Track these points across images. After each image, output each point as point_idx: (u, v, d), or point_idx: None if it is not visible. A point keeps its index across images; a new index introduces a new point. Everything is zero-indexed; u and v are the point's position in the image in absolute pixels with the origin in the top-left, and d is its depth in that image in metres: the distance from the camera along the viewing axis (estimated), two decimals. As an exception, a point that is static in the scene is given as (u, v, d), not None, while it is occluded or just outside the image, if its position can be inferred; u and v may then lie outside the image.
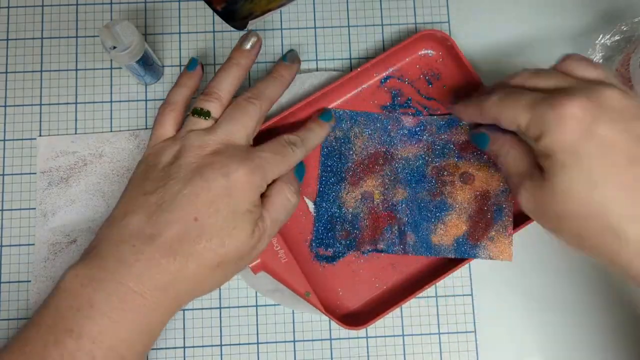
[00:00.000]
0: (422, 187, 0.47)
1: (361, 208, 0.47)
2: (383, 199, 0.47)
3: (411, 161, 0.47)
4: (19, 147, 0.50)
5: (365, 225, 0.47)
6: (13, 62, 0.51)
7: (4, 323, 0.48)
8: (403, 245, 0.46)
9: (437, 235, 0.46)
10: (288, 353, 0.48)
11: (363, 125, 0.48)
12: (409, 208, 0.46)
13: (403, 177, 0.47)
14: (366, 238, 0.47)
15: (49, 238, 0.49)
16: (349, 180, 0.47)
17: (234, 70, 0.43)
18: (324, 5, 0.53)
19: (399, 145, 0.48)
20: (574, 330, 0.49)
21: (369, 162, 0.47)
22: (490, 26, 0.53)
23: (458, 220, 0.46)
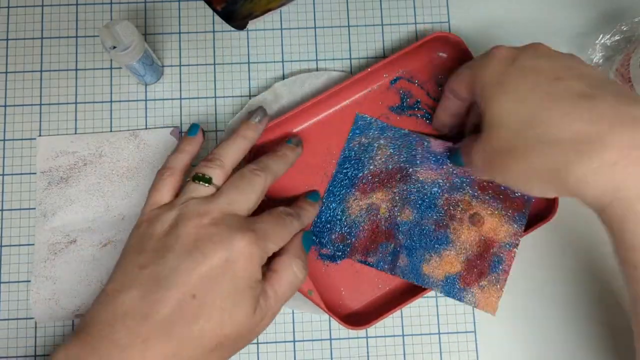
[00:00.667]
0: (429, 215, 0.46)
1: (364, 218, 0.47)
2: (388, 215, 0.46)
3: (427, 186, 0.46)
4: (19, 147, 0.50)
5: (362, 236, 0.46)
6: (13, 62, 0.51)
7: (4, 323, 0.48)
8: (393, 266, 0.46)
9: (430, 266, 0.46)
10: (288, 353, 0.48)
11: (390, 139, 0.47)
12: (411, 231, 0.46)
13: (414, 199, 0.46)
14: (359, 248, 0.46)
15: (49, 238, 0.49)
16: (359, 188, 0.47)
17: (239, 141, 0.41)
18: (324, 5, 0.53)
19: (419, 166, 0.47)
20: (574, 330, 0.49)
21: (385, 176, 0.47)
22: (490, 26, 0.53)
23: (455, 258, 0.46)
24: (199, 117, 0.51)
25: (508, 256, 0.45)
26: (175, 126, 0.51)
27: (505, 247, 0.46)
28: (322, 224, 0.47)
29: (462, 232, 0.46)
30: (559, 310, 0.49)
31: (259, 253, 0.37)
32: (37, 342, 0.48)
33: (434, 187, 0.46)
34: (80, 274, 0.48)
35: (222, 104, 0.51)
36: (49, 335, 0.48)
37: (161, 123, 0.51)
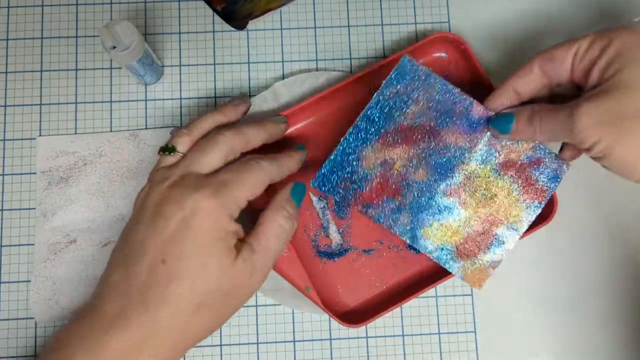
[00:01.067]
0: (443, 181, 0.44)
1: (376, 171, 0.43)
2: (401, 172, 0.44)
3: (450, 150, 0.44)
4: (19, 147, 0.50)
5: (369, 187, 0.43)
6: (13, 62, 0.51)
7: (4, 323, 0.48)
8: (392, 222, 0.44)
9: (429, 231, 0.44)
10: (288, 353, 0.48)
11: (430, 93, 0.43)
12: (420, 193, 0.44)
13: (433, 161, 0.44)
14: (363, 199, 0.44)
15: (49, 238, 0.49)
16: (381, 140, 0.43)
17: (214, 115, 0.42)
18: (324, 5, 0.53)
19: (450, 127, 0.43)
20: (573, 330, 0.49)
21: (411, 132, 0.43)
22: (490, 26, 0.53)
23: (457, 229, 0.44)
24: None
25: (511, 240, 0.44)
26: (176, 126, 0.51)
27: (511, 231, 0.44)
28: (332, 166, 0.43)
29: (471, 206, 0.44)
30: (559, 310, 0.49)
31: (221, 203, 0.36)
32: (37, 342, 0.48)
33: (457, 151, 0.44)
34: (80, 274, 0.48)
35: (222, 104, 0.51)
36: (49, 335, 0.48)
37: (161, 123, 0.51)
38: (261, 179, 0.39)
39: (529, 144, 0.43)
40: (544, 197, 0.44)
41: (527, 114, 0.40)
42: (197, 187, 0.36)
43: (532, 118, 0.40)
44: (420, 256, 0.48)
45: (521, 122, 0.40)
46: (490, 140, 0.43)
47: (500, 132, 0.42)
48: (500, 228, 0.44)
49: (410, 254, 0.48)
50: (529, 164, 0.43)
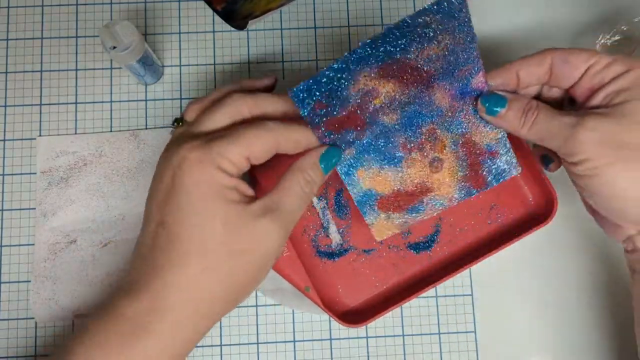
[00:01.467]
0: (405, 132, 0.41)
1: (356, 99, 0.39)
2: (376, 107, 0.40)
3: (431, 107, 0.40)
4: (19, 147, 0.50)
5: (342, 114, 0.39)
6: (13, 62, 0.51)
7: (4, 323, 0.48)
8: (337, 149, 0.40)
9: (365, 173, 0.41)
10: (288, 353, 0.48)
11: (457, 42, 0.39)
12: (380, 134, 0.41)
13: (410, 110, 0.40)
14: (329, 123, 0.40)
15: (49, 238, 0.49)
16: (381, 70, 0.39)
17: (230, 85, 0.40)
18: (324, 5, 0.53)
19: (445, 86, 0.40)
20: (573, 330, 0.49)
21: (411, 74, 0.39)
22: (489, 27, 0.53)
23: (390, 182, 0.42)
24: (199, 117, 0.51)
25: (429, 213, 0.43)
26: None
27: (436, 205, 0.43)
28: (313, 83, 0.38)
29: (415, 166, 0.42)
30: (559, 310, 0.49)
31: (207, 155, 0.34)
32: (37, 342, 0.48)
33: (435, 111, 0.41)
34: (80, 274, 0.48)
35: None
36: (49, 335, 0.48)
37: (161, 123, 0.51)
38: (261, 137, 0.35)
39: (497, 134, 0.41)
40: (480, 188, 0.43)
41: (522, 105, 0.38)
42: (186, 142, 0.34)
43: (527, 111, 0.38)
44: (420, 256, 0.48)
45: (513, 110, 0.38)
46: (467, 112, 0.41)
47: (486, 112, 0.39)
48: (428, 197, 0.43)
49: (410, 254, 0.48)
50: (486, 152, 0.42)
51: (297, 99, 0.38)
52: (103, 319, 0.34)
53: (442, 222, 0.49)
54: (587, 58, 0.37)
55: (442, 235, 0.48)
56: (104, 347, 0.33)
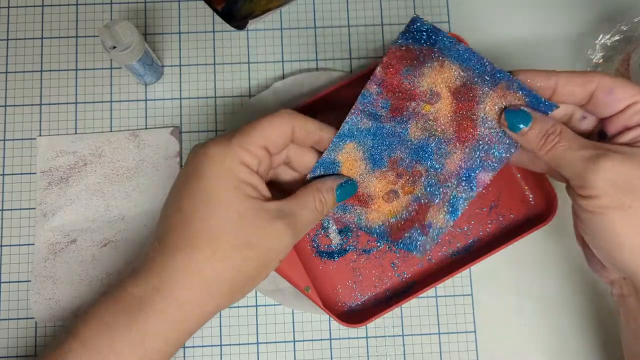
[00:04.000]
0: (408, 153, 0.40)
1: (419, 87, 0.39)
2: (419, 112, 0.40)
3: (441, 162, 0.40)
4: (19, 147, 0.50)
5: (401, 90, 0.39)
6: (13, 62, 0.51)
7: (4, 323, 0.48)
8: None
9: (350, 145, 0.40)
10: (288, 353, 0.48)
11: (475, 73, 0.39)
12: (395, 133, 0.40)
13: (430, 143, 0.40)
14: (386, 91, 0.39)
15: (49, 238, 0.49)
16: (455, 84, 0.39)
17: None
18: (324, 5, 0.53)
19: (463, 159, 0.40)
20: (573, 331, 0.49)
21: (470, 112, 0.39)
22: (490, 26, 0.53)
23: (357, 167, 0.40)
24: (199, 117, 0.51)
25: (346, 218, 0.42)
26: (175, 126, 0.51)
27: (356, 219, 0.42)
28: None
29: (379, 182, 0.41)
30: (559, 310, 0.49)
31: (228, 148, 0.35)
32: (37, 342, 0.48)
33: (440, 162, 0.40)
34: (80, 274, 0.48)
35: (222, 104, 0.51)
36: (49, 335, 0.48)
37: (161, 123, 0.51)
38: (275, 123, 0.36)
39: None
40: (394, 241, 0.42)
41: (545, 127, 0.37)
42: (213, 138, 0.36)
43: (549, 135, 0.37)
44: (420, 256, 0.48)
45: (535, 130, 0.37)
46: (447, 195, 0.41)
47: (509, 126, 0.38)
48: (360, 208, 0.42)
49: (410, 254, 0.48)
50: (426, 226, 0.41)
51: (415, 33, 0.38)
52: (112, 296, 0.35)
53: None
54: (633, 94, 0.36)
55: (442, 236, 0.48)
56: (109, 324, 0.34)
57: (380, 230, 0.42)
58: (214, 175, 0.35)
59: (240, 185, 0.35)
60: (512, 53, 0.52)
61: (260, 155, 0.36)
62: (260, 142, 0.36)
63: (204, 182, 0.35)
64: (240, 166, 0.35)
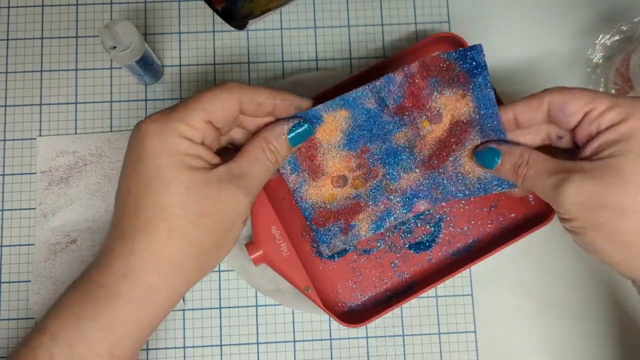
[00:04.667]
0: (383, 142, 0.41)
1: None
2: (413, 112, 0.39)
3: (413, 163, 0.41)
4: (19, 147, 0.50)
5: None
6: (13, 62, 0.51)
7: (4, 323, 0.48)
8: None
9: (328, 116, 0.39)
10: (288, 353, 0.48)
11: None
12: (378, 121, 0.40)
13: (402, 145, 0.41)
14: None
15: (49, 238, 0.49)
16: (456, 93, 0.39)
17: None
18: (324, 5, 0.53)
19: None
20: (573, 330, 0.49)
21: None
22: (490, 26, 0.53)
23: (332, 139, 0.40)
24: (199, 117, 0.51)
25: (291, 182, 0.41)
26: (175, 126, 0.51)
27: (298, 189, 0.41)
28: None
29: (340, 163, 0.40)
30: (559, 310, 0.49)
31: (166, 122, 0.34)
32: (37, 342, 0.48)
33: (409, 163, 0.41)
34: (80, 274, 0.48)
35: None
36: (49, 335, 0.48)
37: (161, 123, 0.51)
38: (219, 97, 0.35)
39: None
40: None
41: (513, 160, 0.38)
42: (152, 114, 0.35)
43: (517, 167, 0.37)
44: (420, 256, 0.48)
45: (505, 166, 0.38)
46: (398, 212, 0.42)
47: (484, 166, 0.39)
48: (310, 180, 0.41)
49: (410, 254, 0.48)
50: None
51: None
52: (78, 288, 0.35)
53: (442, 222, 0.49)
54: (585, 103, 0.35)
55: (442, 236, 0.48)
56: (78, 315, 0.34)
57: (310, 208, 0.41)
58: (154, 153, 0.34)
59: (182, 158, 0.34)
60: (512, 53, 0.52)
61: (203, 129, 0.35)
62: (203, 116, 0.35)
63: (147, 162, 0.34)
64: (180, 139, 0.34)
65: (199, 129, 0.35)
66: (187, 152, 0.34)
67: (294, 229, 0.48)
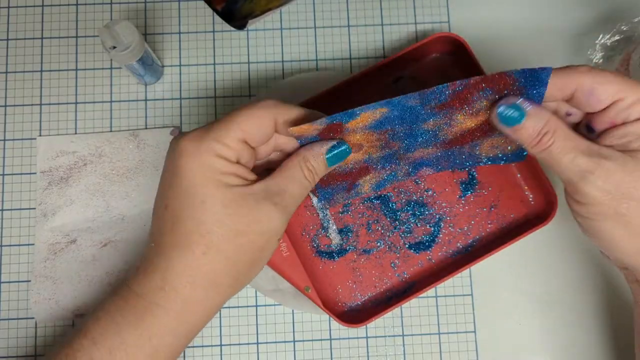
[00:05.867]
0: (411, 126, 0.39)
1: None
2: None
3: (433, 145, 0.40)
4: (19, 147, 0.50)
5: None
6: (13, 62, 0.51)
7: (4, 323, 0.48)
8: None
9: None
10: (288, 353, 0.48)
11: None
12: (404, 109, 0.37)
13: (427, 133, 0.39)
14: None
15: (49, 238, 0.49)
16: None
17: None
18: (324, 5, 0.53)
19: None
20: (573, 330, 0.49)
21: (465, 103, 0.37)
22: (490, 26, 0.53)
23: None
24: (199, 117, 0.51)
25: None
26: (176, 126, 0.51)
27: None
28: None
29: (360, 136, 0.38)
30: (559, 310, 0.49)
31: (202, 141, 0.34)
32: (37, 342, 0.48)
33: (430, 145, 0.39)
34: (80, 274, 0.48)
35: (222, 104, 0.51)
36: (49, 335, 0.48)
37: (161, 123, 0.51)
38: (254, 115, 0.35)
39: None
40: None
41: (538, 125, 0.35)
42: (189, 132, 0.35)
43: (542, 135, 0.35)
44: (420, 256, 0.48)
45: (528, 129, 0.35)
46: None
47: (500, 120, 0.36)
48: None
49: (410, 254, 0.48)
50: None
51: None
52: (118, 295, 0.36)
53: (442, 222, 0.49)
54: (616, 92, 0.34)
55: (442, 236, 0.48)
56: (118, 322, 0.35)
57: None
58: (192, 171, 0.34)
59: (220, 177, 0.34)
60: (512, 53, 0.52)
61: (239, 149, 0.35)
62: (239, 136, 0.35)
63: (184, 180, 0.34)
64: (217, 159, 0.34)
65: (235, 148, 0.35)
66: (223, 171, 0.34)
67: (294, 229, 0.48)
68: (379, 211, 0.49)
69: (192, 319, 0.36)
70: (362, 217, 0.49)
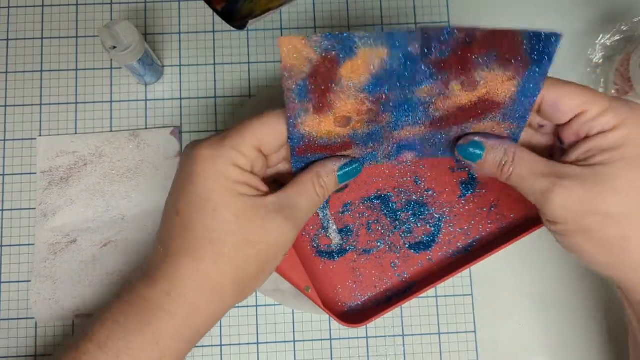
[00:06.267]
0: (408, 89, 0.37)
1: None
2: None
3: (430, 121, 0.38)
4: (19, 147, 0.50)
5: None
6: (13, 62, 0.51)
7: (4, 323, 0.48)
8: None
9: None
10: (288, 353, 0.48)
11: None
12: (407, 68, 0.35)
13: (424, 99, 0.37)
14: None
15: (49, 238, 0.49)
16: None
17: None
18: (324, 5, 0.53)
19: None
20: (573, 330, 0.49)
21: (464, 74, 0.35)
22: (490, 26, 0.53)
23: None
24: (199, 117, 0.51)
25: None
26: (176, 126, 0.51)
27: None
28: None
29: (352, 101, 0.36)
30: (559, 310, 0.49)
31: (218, 149, 0.34)
32: (37, 342, 0.48)
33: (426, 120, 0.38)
34: (80, 274, 0.48)
35: (222, 104, 0.51)
36: (49, 335, 0.48)
37: (161, 123, 0.51)
38: (268, 123, 0.35)
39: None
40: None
41: (497, 157, 0.37)
42: (205, 139, 0.35)
43: (502, 166, 0.36)
44: (421, 256, 0.48)
45: (488, 162, 0.37)
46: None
47: (464, 158, 0.38)
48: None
49: (410, 254, 0.48)
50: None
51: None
52: (123, 299, 0.36)
53: (442, 222, 0.49)
54: (579, 104, 0.34)
55: (442, 235, 0.48)
56: (124, 326, 0.35)
57: (300, 138, 0.37)
58: (207, 178, 0.34)
59: (234, 186, 0.34)
60: (512, 53, 0.52)
61: (253, 157, 0.35)
62: (254, 143, 0.35)
63: (198, 186, 0.34)
64: (232, 167, 0.34)
65: (249, 156, 0.35)
66: (237, 180, 0.34)
67: (294, 229, 0.48)
68: (379, 211, 0.49)
69: (197, 325, 0.36)
70: (362, 217, 0.49)
